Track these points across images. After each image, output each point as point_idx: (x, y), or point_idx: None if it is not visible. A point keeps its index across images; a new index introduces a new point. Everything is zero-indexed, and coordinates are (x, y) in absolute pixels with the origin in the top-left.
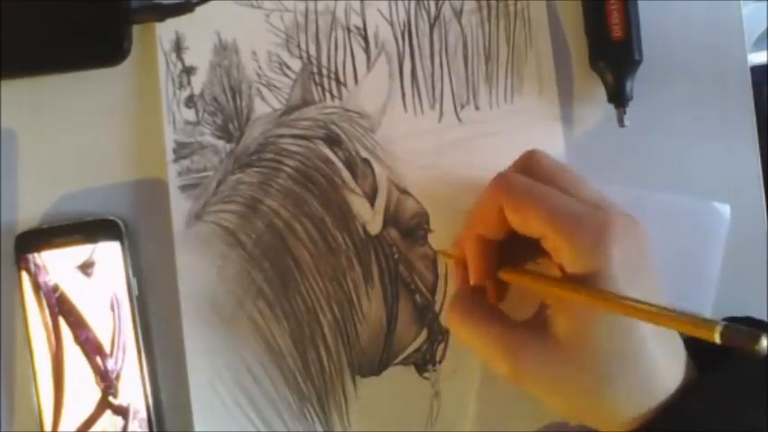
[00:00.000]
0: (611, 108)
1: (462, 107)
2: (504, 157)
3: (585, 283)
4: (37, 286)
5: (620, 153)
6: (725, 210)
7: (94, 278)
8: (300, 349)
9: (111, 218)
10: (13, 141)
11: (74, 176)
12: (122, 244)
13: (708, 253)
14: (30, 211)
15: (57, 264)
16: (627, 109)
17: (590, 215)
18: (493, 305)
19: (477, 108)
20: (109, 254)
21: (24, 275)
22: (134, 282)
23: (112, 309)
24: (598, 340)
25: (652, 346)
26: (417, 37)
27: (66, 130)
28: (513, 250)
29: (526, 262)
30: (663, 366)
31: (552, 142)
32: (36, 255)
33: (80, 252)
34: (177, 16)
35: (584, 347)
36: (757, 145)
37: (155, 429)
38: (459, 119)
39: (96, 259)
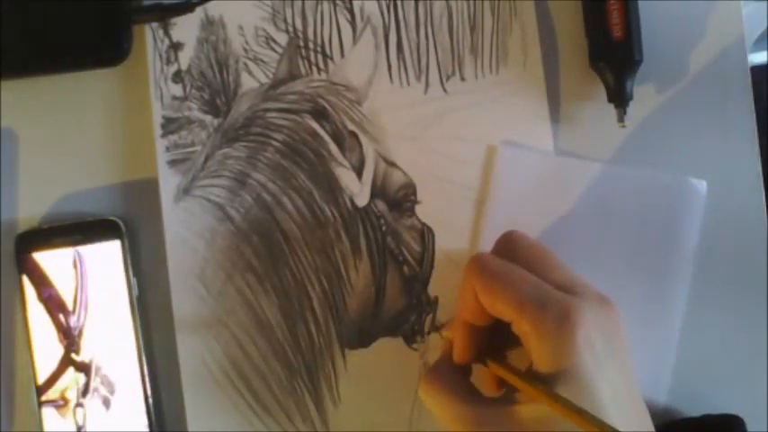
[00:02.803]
0: (611, 108)
1: (448, 78)
2: (490, 128)
3: (552, 375)
4: (37, 286)
5: (620, 153)
6: (701, 185)
7: (91, 278)
8: (289, 322)
9: (111, 218)
10: (13, 141)
11: (74, 176)
12: (122, 244)
13: (684, 228)
14: (30, 211)
15: (57, 264)
16: (627, 109)
17: (556, 299)
18: (466, 381)
19: (462, 79)
20: (109, 254)
21: (24, 275)
22: (134, 282)
23: (112, 309)
24: (559, 429)
25: None
26: (403, 9)
27: (66, 129)
28: (506, 338)
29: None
30: None
31: (537, 112)
32: (36, 255)
33: (80, 252)
34: (177, 16)
35: None
36: (757, 145)
37: (155, 430)
38: (445, 90)
39: (96, 259)
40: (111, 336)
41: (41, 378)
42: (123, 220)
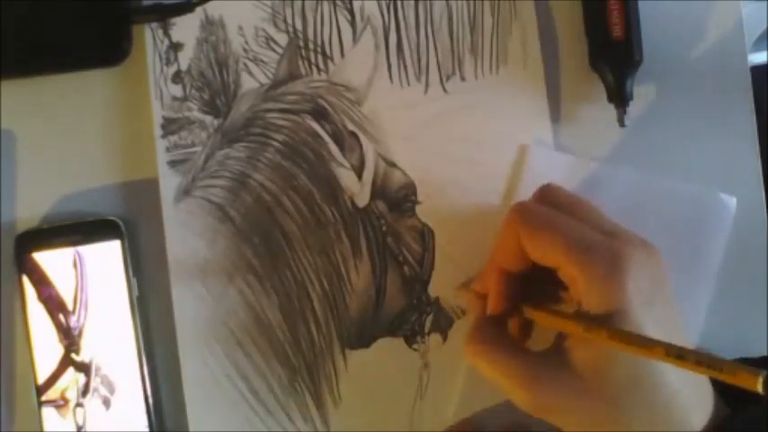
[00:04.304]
0: (611, 108)
1: (448, 78)
2: (490, 128)
3: (602, 316)
4: (37, 286)
5: (620, 153)
6: (731, 201)
7: (91, 278)
8: (290, 322)
9: (111, 218)
10: (12, 142)
11: (74, 176)
12: (122, 244)
13: (711, 243)
14: (30, 211)
15: (57, 264)
16: (627, 109)
17: (604, 243)
18: (511, 337)
19: (462, 79)
20: (109, 254)
21: (24, 275)
22: (134, 282)
23: (112, 309)
24: (616, 371)
25: (673, 378)
26: (403, 9)
27: (66, 130)
28: (537, 288)
29: (549, 300)
30: (685, 400)
31: (537, 112)
32: (36, 255)
33: (80, 252)
34: (177, 16)
35: (602, 378)
36: (757, 145)
37: (155, 430)
38: (444, 90)
39: (96, 259)
40: (111, 336)
41: (41, 378)
42: (123, 220)
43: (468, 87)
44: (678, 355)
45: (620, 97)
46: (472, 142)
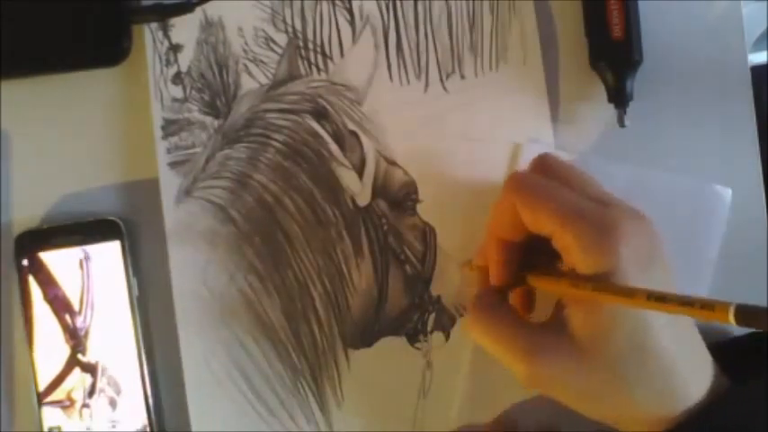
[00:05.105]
0: (611, 108)
1: (448, 77)
2: (490, 126)
3: (594, 278)
4: (37, 286)
5: (620, 153)
6: (726, 193)
7: (95, 278)
8: (292, 323)
9: (111, 218)
10: (12, 142)
11: (73, 177)
12: (122, 244)
13: (707, 234)
14: (29, 211)
15: (57, 264)
16: (627, 109)
17: (597, 212)
18: (511, 308)
19: (462, 77)
20: (109, 254)
21: (23, 276)
22: (134, 282)
23: (114, 309)
24: (613, 336)
25: (668, 344)
26: (402, 8)
27: (65, 130)
28: (535, 259)
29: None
30: (682, 367)
31: (537, 110)
32: (36, 255)
33: (80, 252)
34: (177, 16)
35: (600, 344)
36: (757, 145)
37: (155, 430)
38: (445, 88)
39: (96, 259)
40: (115, 336)
41: (48, 379)
42: (123, 220)
43: (468, 85)
44: (659, 298)
45: (620, 97)
46: (473, 140)
